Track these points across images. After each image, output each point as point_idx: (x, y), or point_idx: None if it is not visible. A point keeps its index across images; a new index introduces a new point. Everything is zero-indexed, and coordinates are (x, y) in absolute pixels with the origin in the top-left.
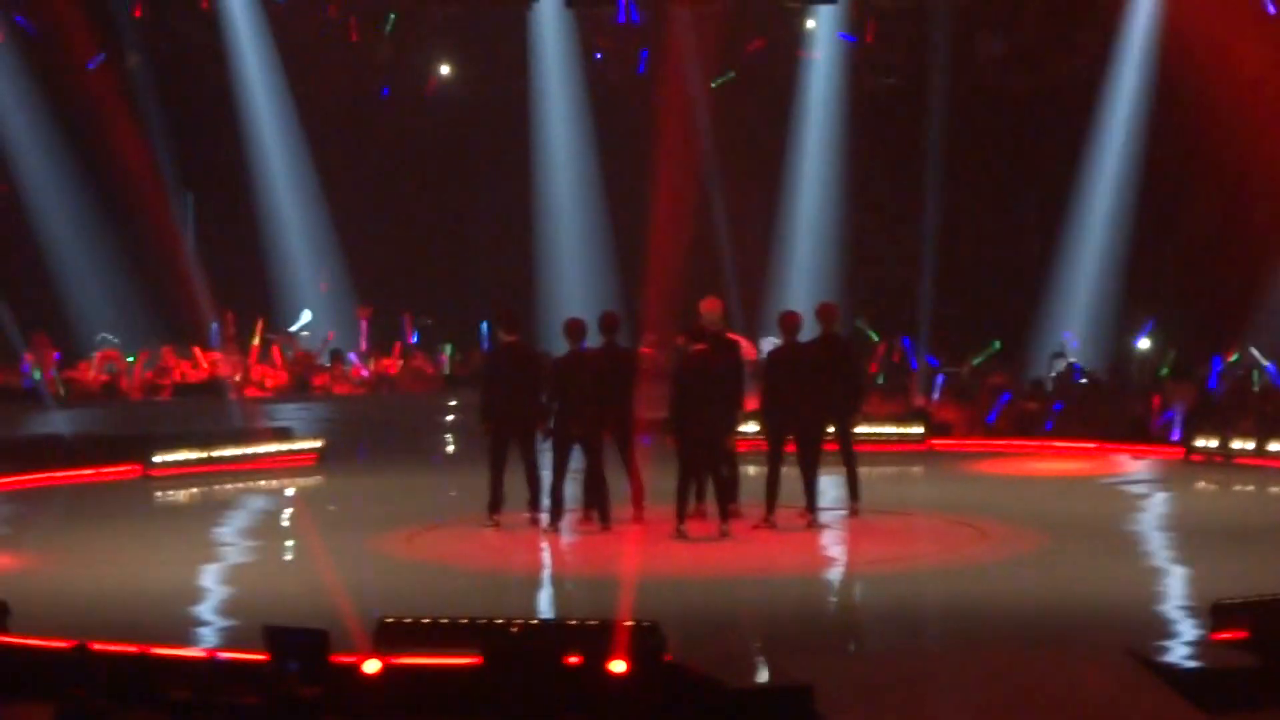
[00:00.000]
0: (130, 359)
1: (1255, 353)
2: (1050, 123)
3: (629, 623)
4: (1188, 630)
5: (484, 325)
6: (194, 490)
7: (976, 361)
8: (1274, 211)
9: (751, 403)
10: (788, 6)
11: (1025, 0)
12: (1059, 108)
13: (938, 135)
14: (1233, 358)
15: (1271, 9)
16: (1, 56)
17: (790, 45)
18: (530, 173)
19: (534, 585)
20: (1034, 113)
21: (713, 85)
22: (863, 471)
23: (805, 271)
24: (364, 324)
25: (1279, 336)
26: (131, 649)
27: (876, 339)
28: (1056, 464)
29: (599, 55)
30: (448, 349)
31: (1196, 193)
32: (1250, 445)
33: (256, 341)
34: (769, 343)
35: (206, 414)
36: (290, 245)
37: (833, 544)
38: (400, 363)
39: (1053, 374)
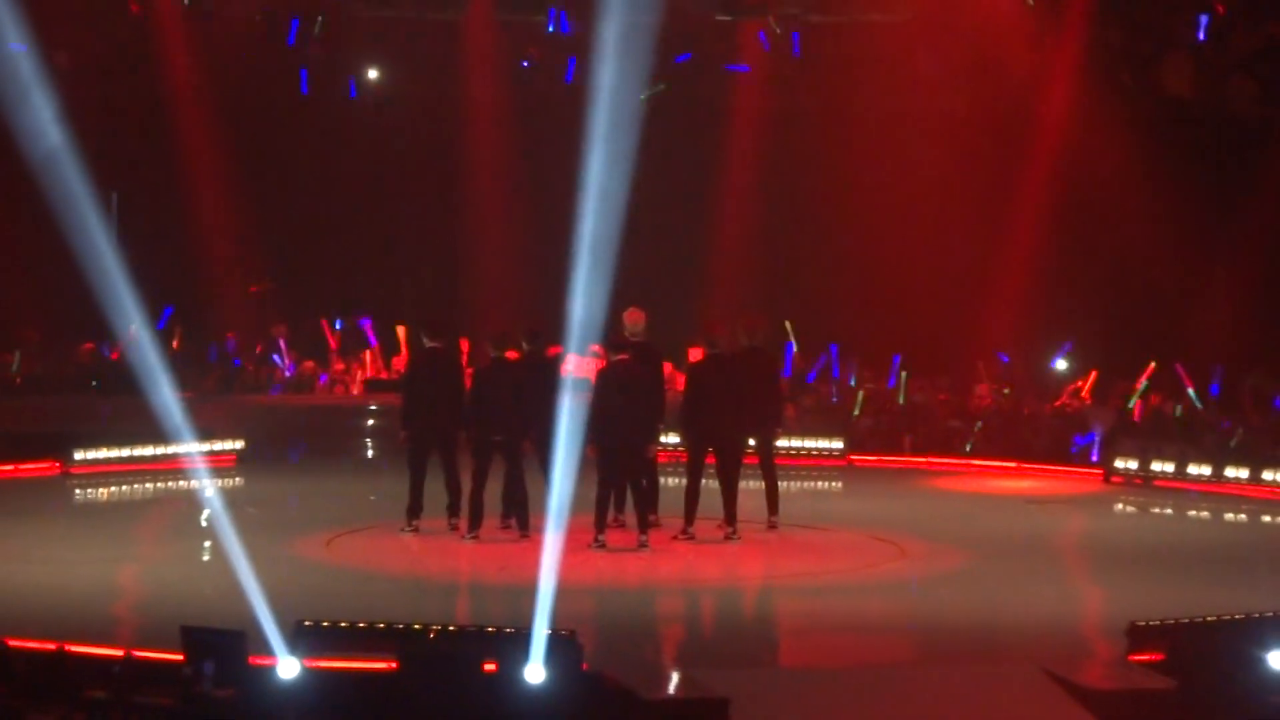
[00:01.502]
0: None
1: (1179, 371)
2: (979, 141)
3: (546, 631)
4: (1104, 651)
5: (399, 331)
6: (113, 489)
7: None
8: (1194, 233)
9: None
10: (719, 19)
11: (957, 20)
12: (988, 127)
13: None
14: (1141, 386)
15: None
16: None
17: (720, 59)
18: (457, 178)
19: (452, 592)
20: (966, 132)
21: (642, 98)
22: (782, 485)
23: (729, 284)
24: (281, 342)
25: (1204, 360)
26: (48, 646)
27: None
28: (976, 482)
29: (526, 64)
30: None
31: (1121, 213)
32: (1170, 468)
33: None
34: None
35: (129, 412)
36: (215, 246)
37: (751, 557)
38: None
39: (977, 391)
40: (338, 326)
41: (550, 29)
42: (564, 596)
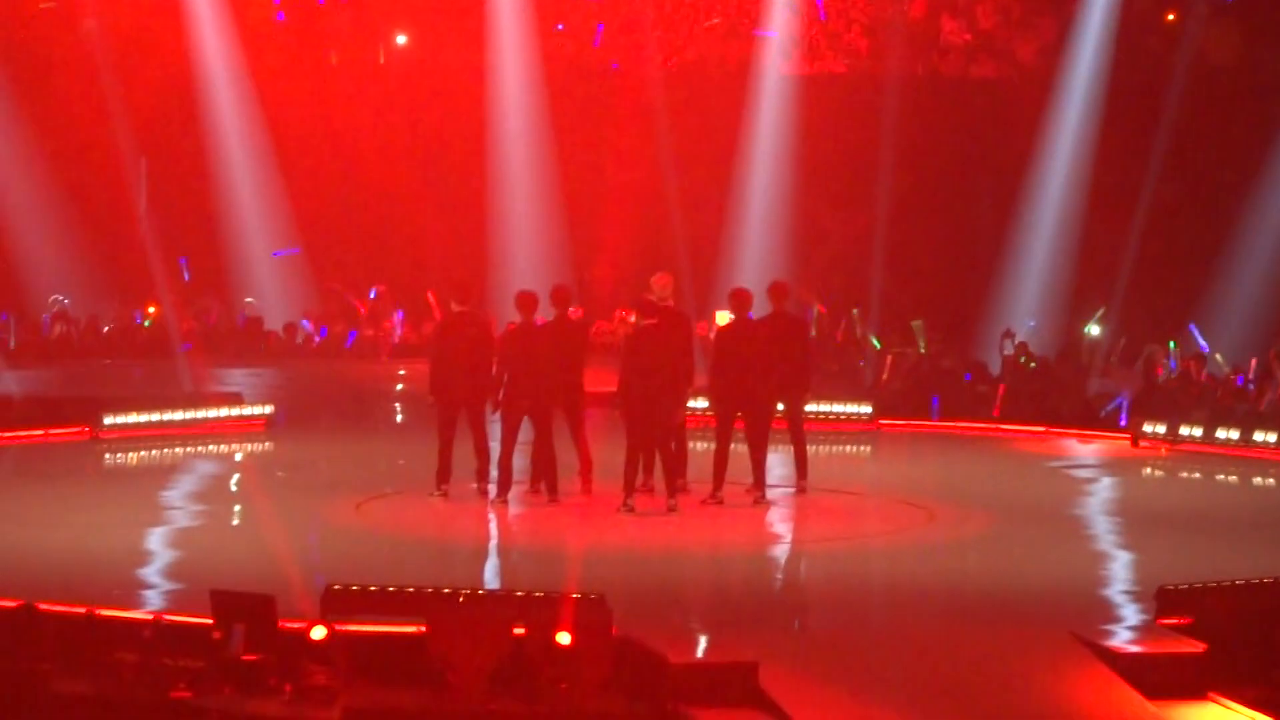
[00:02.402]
0: None
1: (1196, 333)
2: (1007, 108)
3: (575, 595)
4: (1132, 615)
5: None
6: (143, 453)
7: (923, 347)
8: (1222, 197)
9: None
10: None
11: None
12: (1017, 93)
13: (894, 118)
14: (1169, 345)
15: None
16: None
17: (748, 22)
18: (484, 144)
19: (481, 556)
20: (992, 98)
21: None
22: (811, 450)
23: (757, 248)
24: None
25: (1232, 325)
26: (78, 610)
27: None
28: (1005, 447)
29: (560, 27)
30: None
31: (1152, 179)
32: (1198, 432)
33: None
34: (723, 318)
35: (157, 377)
36: (243, 211)
37: (779, 522)
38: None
39: (1005, 353)
40: (372, 295)
41: None
42: (592, 561)
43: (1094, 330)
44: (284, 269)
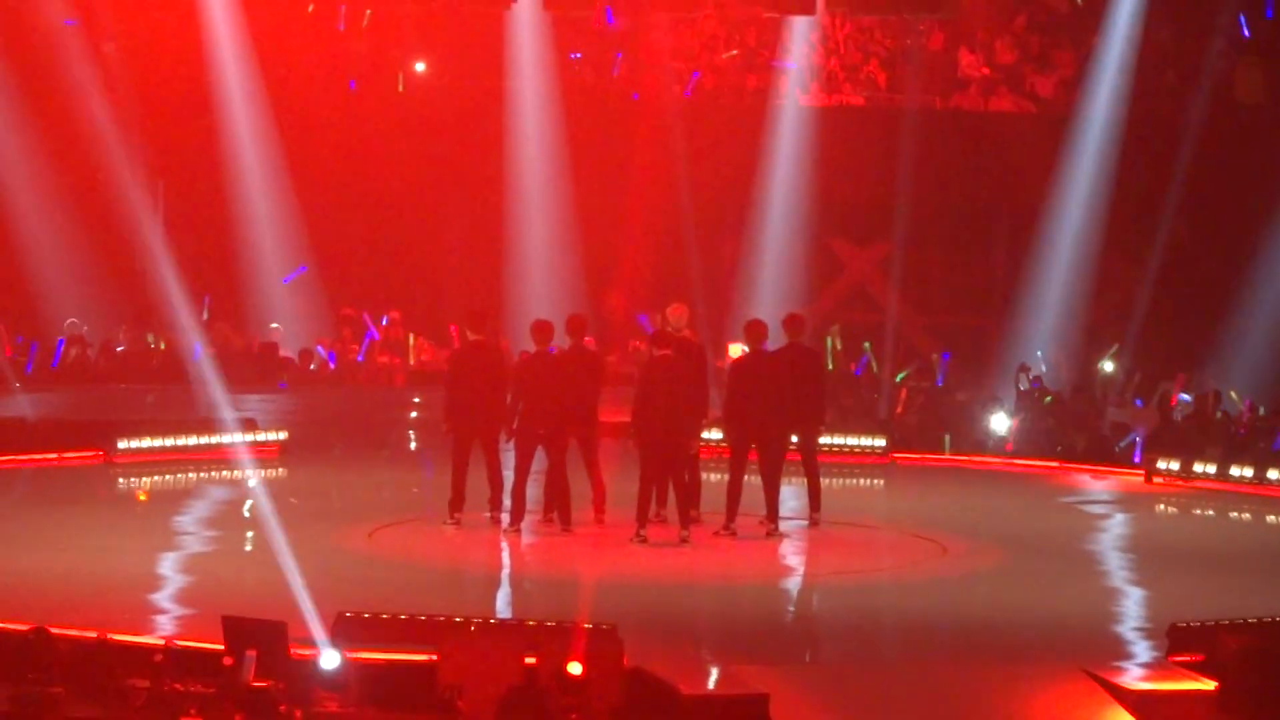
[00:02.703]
0: None
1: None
2: (1025, 142)
3: (587, 625)
4: (1144, 652)
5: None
6: (157, 478)
7: (899, 377)
8: (1240, 234)
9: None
10: (766, 15)
11: (1004, 20)
12: (1035, 127)
13: (911, 148)
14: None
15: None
16: None
17: (766, 54)
18: (502, 172)
19: (493, 585)
20: (1010, 131)
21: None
22: (824, 482)
23: (772, 280)
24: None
25: (1247, 361)
26: (90, 634)
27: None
28: (1018, 481)
29: (576, 55)
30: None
31: (1168, 214)
32: (1212, 469)
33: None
34: (736, 349)
35: (173, 402)
36: (259, 234)
37: (792, 554)
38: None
39: (1020, 388)
40: (384, 322)
41: (603, 22)
42: (605, 591)
43: (1108, 366)
44: (299, 294)
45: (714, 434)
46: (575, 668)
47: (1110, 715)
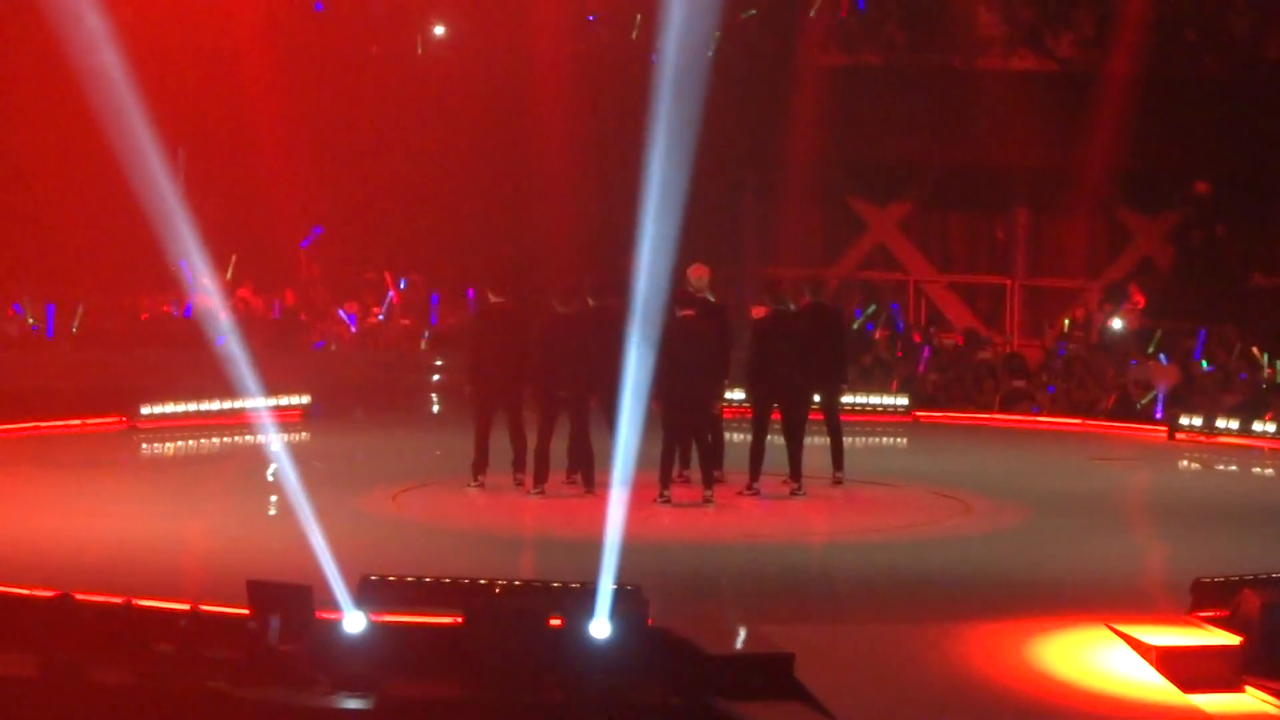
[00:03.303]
0: None
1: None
2: (1044, 101)
3: (612, 586)
4: (1168, 607)
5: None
6: (180, 443)
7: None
8: (1262, 192)
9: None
10: None
11: None
12: (1054, 86)
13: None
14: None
15: None
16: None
17: (787, 12)
18: (522, 135)
19: (517, 546)
20: (1030, 90)
21: (744, 15)
22: (847, 441)
23: (794, 240)
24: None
25: (1270, 317)
26: (115, 600)
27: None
28: (1041, 439)
29: (592, 18)
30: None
31: (1185, 172)
32: (1234, 425)
33: None
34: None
35: (193, 366)
36: (278, 201)
37: (816, 513)
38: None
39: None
40: (401, 285)
41: None
42: (629, 552)
43: (1116, 324)
44: (320, 258)
45: (736, 394)
46: (601, 628)
47: (1135, 670)
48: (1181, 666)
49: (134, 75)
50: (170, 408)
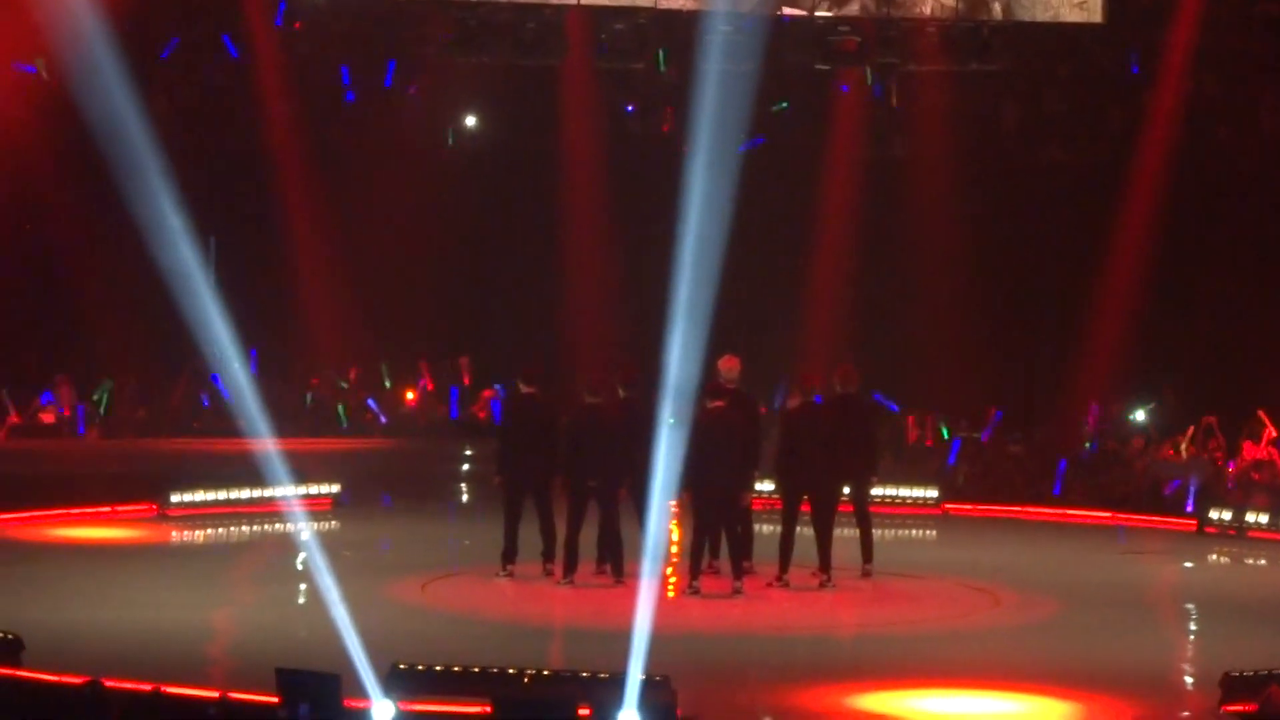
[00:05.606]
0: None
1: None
2: (1074, 196)
3: (640, 676)
4: (1197, 701)
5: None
6: (210, 531)
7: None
8: None
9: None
10: (818, 69)
11: (1054, 69)
12: (1083, 181)
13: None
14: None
15: None
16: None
17: (818, 107)
18: (554, 226)
19: (546, 636)
20: (1058, 186)
21: (773, 110)
22: (876, 533)
23: (823, 333)
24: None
25: None
26: (144, 687)
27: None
28: (1070, 532)
29: (630, 109)
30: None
31: (1212, 266)
32: (1264, 519)
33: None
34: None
35: (224, 456)
36: (312, 291)
37: (844, 605)
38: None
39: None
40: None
41: (660, 70)
42: (658, 642)
43: (1139, 416)
44: (353, 351)
45: (766, 485)
46: (629, 718)
47: None
48: None
49: (167, 168)
50: (200, 495)
